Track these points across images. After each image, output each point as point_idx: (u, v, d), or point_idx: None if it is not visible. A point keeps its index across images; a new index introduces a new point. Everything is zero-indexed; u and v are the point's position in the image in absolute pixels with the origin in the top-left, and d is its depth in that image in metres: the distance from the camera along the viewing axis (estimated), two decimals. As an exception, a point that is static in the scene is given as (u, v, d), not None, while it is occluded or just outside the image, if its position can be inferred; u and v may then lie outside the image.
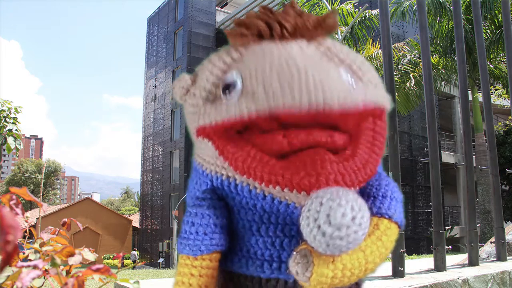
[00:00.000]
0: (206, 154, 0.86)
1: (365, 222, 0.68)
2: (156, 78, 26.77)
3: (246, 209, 0.83)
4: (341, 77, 0.79)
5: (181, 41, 24.59)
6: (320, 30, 0.85)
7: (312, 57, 0.80)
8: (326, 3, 12.13)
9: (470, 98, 10.82)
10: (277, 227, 0.82)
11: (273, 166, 0.76)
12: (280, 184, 0.75)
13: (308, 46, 0.82)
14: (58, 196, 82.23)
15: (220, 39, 24.57)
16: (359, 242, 0.68)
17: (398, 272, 2.62)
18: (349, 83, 0.79)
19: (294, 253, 0.71)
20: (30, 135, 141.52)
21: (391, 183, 0.87)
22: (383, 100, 0.85)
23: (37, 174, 50.11)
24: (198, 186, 0.90)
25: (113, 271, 0.91)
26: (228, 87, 0.80)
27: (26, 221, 1.08)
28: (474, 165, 8.63)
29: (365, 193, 0.83)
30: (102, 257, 25.26)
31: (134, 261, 21.95)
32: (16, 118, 4.78)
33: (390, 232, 0.79)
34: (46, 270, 0.89)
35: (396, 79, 11.17)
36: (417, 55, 12.09)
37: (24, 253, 1.03)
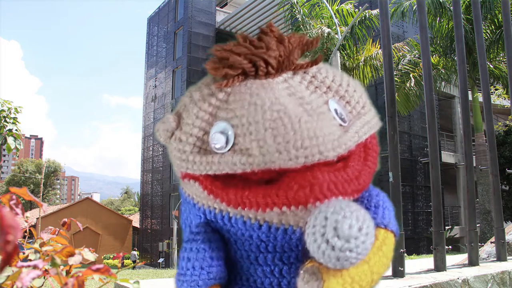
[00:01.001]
0: (194, 191, 0.85)
1: (371, 231, 0.68)
2: (156, 78, 26.76)
3: (243, 240, 0.82)
4: (332, 117, 0.79)
5: (181, 41, 24.60)
6: (304, 63, 0.84)
7: (301, 94, 0.79)
8: (326, 3, 12.12)
9: (470, 98, 10.82)
10: (275, 256, 0.81)
11: (265, 190, 0.75)
12: (277, 204, 0.74)
13: (293, 78, 0.82)
14: (58, 196, 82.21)
15: (220, 39, 24.56)
16: (367, 252, 0.68)
17: (398, 272, 2.62)
18: (340, 119, 0.80)
19: (302, 272, 0.70)
20: (30, 135, 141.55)
21: (381, 193, 0.87)
22: (374, 124, 0.86)
23: (37, 174, 50.10)
24: (192, 217, 0.88)
25: (113, 271, 0.90)
26: (218, 138, 0.78)
27: (26, 221, 1.07)
28: (474, 165, 8.63)
29: None
30: (102, 257, 25.26)
31: (134, 261, 21.94)
32: (16, 118, 4.78)
33: (388, 242, 0.79)
34: (46, 270, 0.89)
35: (396, 79, 11.16)
36: (417, 55, 12.10)
37: (24, 253, 1.03)
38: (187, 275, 0.81)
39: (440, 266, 2.87)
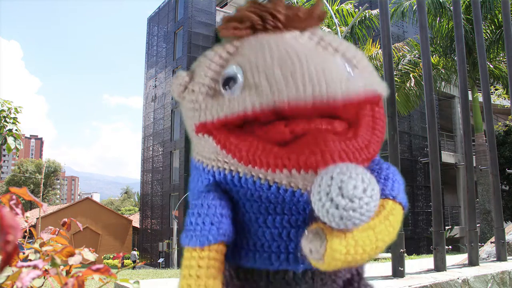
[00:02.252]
0: (206, 150, 0.85)
1: (376, 194, 0.69)
2: (156, 78, 26.76)
3: (252, 201, 0.83)
4: (340, 64, 0.79)
5: (181, 41, 24.59)
6: (311, 20, 0.85)
7: (308, 46, 0.80)
8: (326, 3, 12.12)
9: (470, 98, 10.82)
10: (284, 218, 0.82)
11: (277, 152, 0.76)
12: (287, 166, 0.75)
13: (301, 36, 0.83)
14: (58, 196, 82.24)
15: (220, 40, 24.54)
16: (371, 214, 0.68)
17: (398, 272, 2.62)
18: (347, 71, 0.80)
19: (306, 232, 0.71)
20: (30, 135, 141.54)
21: (391, 167, 0.88)
22: (380, 86, 0.87)
23: (37, 174, 50.11)
24: (200, 184, 0.89)
25: (113, 271, 0.90)
26: (228, 82, 0.80)
27: (26, 221, 1.08)
28: (474, 165, 8.62)
29: None
30: (102, 257, 25.26)
31: (134, 261, 21.93)
32: (16, 118, 4.78)
33: (396, 212, 0.80)
34: (46, 270, 0.89)
35: (396, 79, 11.17)
36: (417, 55, 12.10)
37: (24, 253, 1.03)
38: (196, 230, 0.82)
39: (440, 266, 2.87)
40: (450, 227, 17.53)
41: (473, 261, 3.15)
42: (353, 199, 0.66)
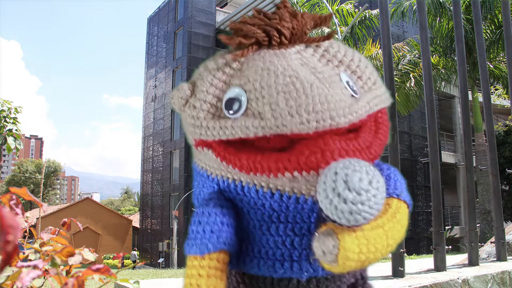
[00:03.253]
0: (207, 160, 0.85)
1: (382, 186, 0.68)
2: (156, 78, 26.75)
3: (255, 209, 0.83)
4: (344, 86, 0.79)
5: (181, 41, 24.58)
6: (317, 37, 0.85)
7: (313, 65, 0.80)
8: (326, 3, 12.12)
9: (470, 98, 10.81)
10: (287, 226, 0.81)
11: (277, 156, 0.76)
12: (289, 169, 0.74)
13: (306, 50, 0.83)
14: (58, 196, 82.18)
15: (220, 40, 24.54)
16: (380, 207, 0.67)
17: (398, 272, 2.62)
18: (352, 91, 0.80)
19: (316, 234, 0.70)
20: (30, 135, 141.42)
21: (391, 167, 0.88)
22: (384, 99, 0.87)
23: (37, 174, 50.07)
24: (205, 190, 0.89)
25: (113, 271, 0.90)
26: (231, 104, 0.79)
27: (26, 221, 1.07)
28: (474, 165, 8.62)
29: None
30: (102, 257, 25.25)
31: (134, 261, 21.92)
32: (16, 118, 4.77)
33: (402, 210, 0.79)
34: (46, 270, 0.89)
35: (396, 79, 11.16)
36: (417, 55, 12.09)
37: (24, 253, 1.03)
38: (197, 238, 0.81)
39: (440, 266, 2.86)
40: (450, 227, 17.54)
41: (473, 261, 3.15)
42: (360, 192, 0.65)
